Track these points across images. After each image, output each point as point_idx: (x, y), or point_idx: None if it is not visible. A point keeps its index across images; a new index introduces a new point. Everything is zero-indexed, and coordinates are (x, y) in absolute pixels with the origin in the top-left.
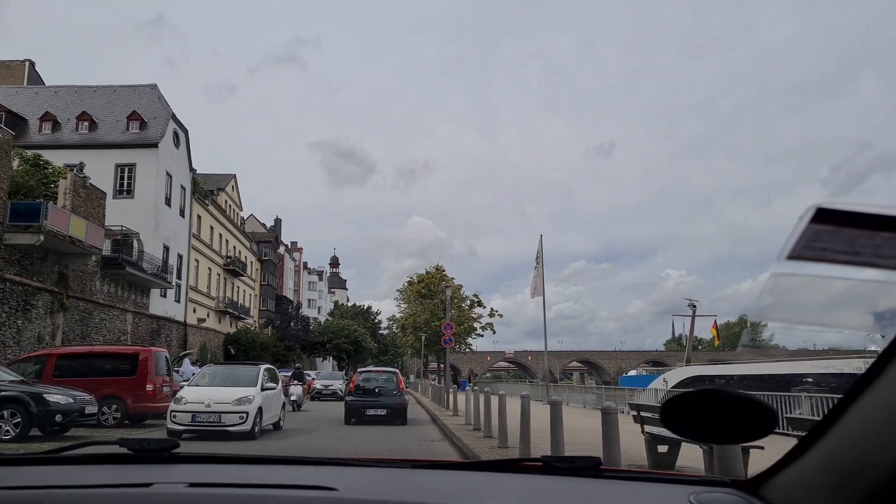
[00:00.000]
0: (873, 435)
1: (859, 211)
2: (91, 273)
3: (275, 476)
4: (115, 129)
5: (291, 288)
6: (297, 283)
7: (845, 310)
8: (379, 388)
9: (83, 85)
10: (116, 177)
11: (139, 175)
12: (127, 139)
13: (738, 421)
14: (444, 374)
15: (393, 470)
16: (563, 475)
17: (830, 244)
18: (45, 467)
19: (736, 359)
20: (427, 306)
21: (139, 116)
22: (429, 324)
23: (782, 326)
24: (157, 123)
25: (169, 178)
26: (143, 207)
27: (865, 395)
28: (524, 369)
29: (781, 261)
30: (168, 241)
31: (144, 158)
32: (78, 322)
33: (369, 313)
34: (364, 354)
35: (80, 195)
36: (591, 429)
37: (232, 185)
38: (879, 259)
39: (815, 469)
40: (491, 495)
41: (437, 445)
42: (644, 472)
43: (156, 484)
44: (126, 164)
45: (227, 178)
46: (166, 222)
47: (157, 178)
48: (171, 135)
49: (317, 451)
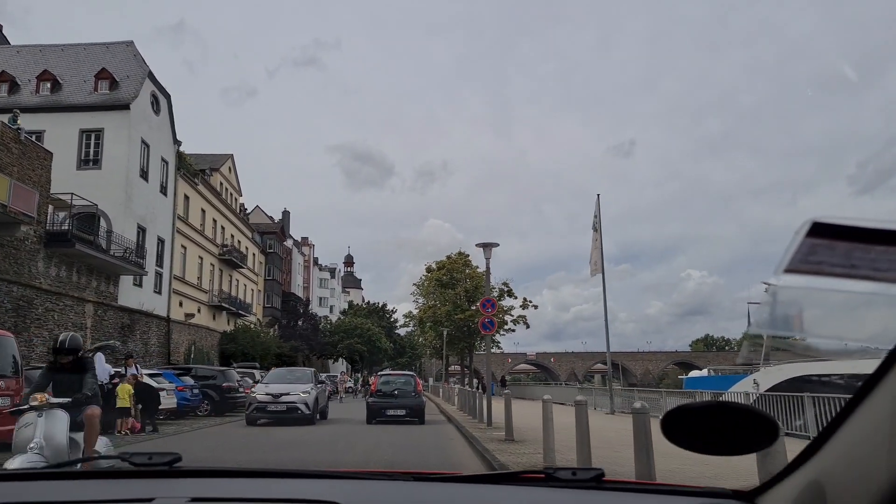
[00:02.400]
0: (875, 444)
1: (855, 225)
2: (30, 251)
3: (277, 490)
4: (81, 91)
5: (301, 285)
6: (307, 280)
7: (843, 323)
8: (398, 390)
9: (49, 44)
10: (81, 144)
11: (108, 142)
12: (94, 101)
13: (740, 432)
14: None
15: (395, 483)
16: (565, 487)
17: (826, 258)
18: (46, 482)
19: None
20: (449, 297)
21: (109, 75)
22: (451, 317)
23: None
24: (131, 83)
25: (145, 147)
26: (112, 179)
27: (866, 406)
28: (546, 371)
29: (778, 274)
30: (144, 222)
31: (114, 122)
32: (9, 313)
33: (385, 312)
34: (379, 356)
35: (11, 151)
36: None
37: (228, 167)
38: (875, 273)
39: (817, 479)
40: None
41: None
42: (647, 483)
43: (158, 499)
44: (92, 130)
45: (222, 159)
46: (142, 199)
47: (130, 146)
48: (147, 97)
49: (352, 437)
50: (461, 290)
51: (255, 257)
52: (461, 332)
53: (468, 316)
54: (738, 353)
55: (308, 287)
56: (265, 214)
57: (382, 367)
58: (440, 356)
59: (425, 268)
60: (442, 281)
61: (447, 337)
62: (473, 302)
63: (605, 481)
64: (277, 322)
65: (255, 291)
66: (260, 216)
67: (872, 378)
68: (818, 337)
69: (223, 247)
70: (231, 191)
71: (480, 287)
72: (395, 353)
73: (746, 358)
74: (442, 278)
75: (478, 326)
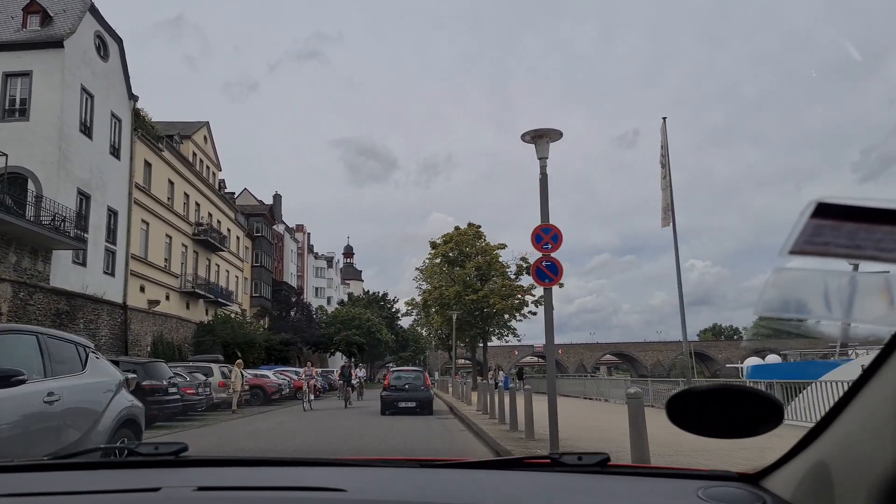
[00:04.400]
0: (878, 426)
1: (860, 205)
2: None
3: (283, 478)
4: (7, 28)
5: (294, 273)
6: (301, 269)
7: (849, 303)
8: (409, 385)
9: None
10: (6, 90)
11: (37, 87)
12: (21, 38)
13: (744, 415)
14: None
15: (401, 470)
16: (570, 472)
17: (831, 238)
18: (53, 473)
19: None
20: (459, 276)
21: (41, 8)
22: (461, 298)
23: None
24: (67, 18)
25: (87, 97)
26: (41, 133)
27: (870, 388)
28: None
29: (783, 256)
30: (88, 187)
31: (44, 64)
32: None
33: (385, 302)
34: (380, 348)
35: None
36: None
37: (203, 136)
38: (880, 253)
39: (821, 461)
40: (499, 493)
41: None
42: (652, 467)
43: (164, 488)
44: (19, 73)
45: (195, 126)
46: (84, 159)
47: (65, 93)
48: (89, 37)
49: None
50: (472, 266)
51: (239, 241)
52: (472, 317)
53: (481, 297)
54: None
55: (302, 276)
56: (254, 198)
57: (385, 362)
58: (446, 347)
59: (430, 244)
60: (449, 257)
61: (456, 322)
62: (487, 281)
63: (610, 466)
64: (267, 313)
65: (240, 279)
66: (248, 200)
67: (876, 361)
68: (824, 319)
69: (198, 225)
70: (208, 164)
71: (495, 264)
72: (398, 346)
73: (752, 344)
74: (449, 254)
75: (492, 308)
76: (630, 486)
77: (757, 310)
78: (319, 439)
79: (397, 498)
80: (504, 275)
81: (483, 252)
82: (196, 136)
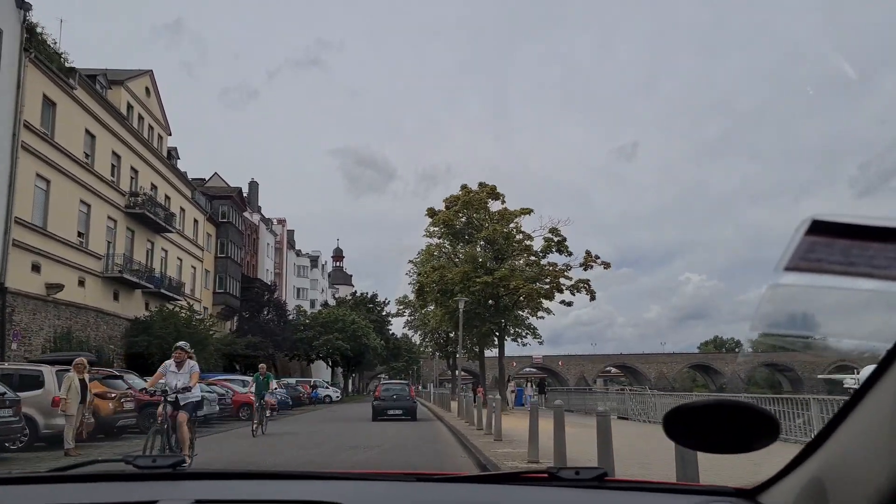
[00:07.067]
0: (875, 442)
1: (855, 223)
2: None
3: (280, 491)
4: None
5: (271, 270)
6: (280, 266)
7: (844, 320)
8: (396, 395)
9: None
10: None
11: None
12: None
13: (741, 431)
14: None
15: (398, 483)
16: (568, 486)
17: (826, 255)
18: (50, 486)
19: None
20: (467, 253)
21: None
22: (469, 280)
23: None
24: None
25: None
26: None
27: (866, 403)
28: (554, 375)
29: (778, 272)
30: None
31: None
32: None
33: (375, 304)
34: (368, 356)
35: None
36: None
37: (145, 87)
38: (875, 271)
39: (817, 476)
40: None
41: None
42: (649, 482)
43: (161, 501)
44: None
45: (135, 73)
46: None
47: None
48: None
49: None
50: (484, 236)
51: (198, 225)
52: (483, 308)
53: (500, 278)
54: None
55: (280, 274)
56: (224, 182)
57: (375, 373)
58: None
59: (427, 213)
60: (455, 228)
61: (465, 312)
62: (504, 259)
63: (607, 480)
64: (236, 313)
65: (198, 270)
66: (218, 184)
67: (873, 375)
68: (821, 335)
69: (132, 196)
70: (150, 122)
71: (513, 236)
72: (389, 355)
73: (749, 359)
74: (454, 222)
75: (514, 295)
76: (627, 500)
77: (753, 326)
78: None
79: None
80: (529, 251)
81: (501, 218)
82: (133, 85)
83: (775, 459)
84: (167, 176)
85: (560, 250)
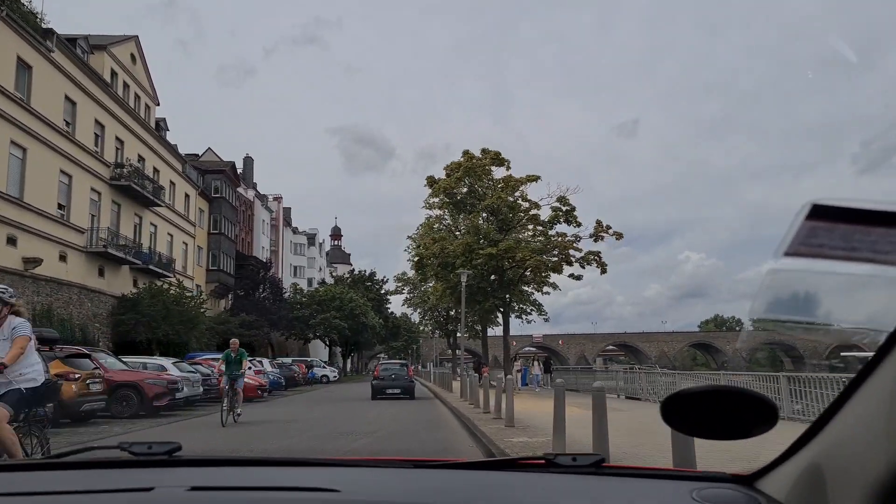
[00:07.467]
0: (873, 429)
1: (855, 207)
2: None
3: (277, 478)
4: None
5: (267, 248)
6: (276, 243)
7: (844, 305)
8: (395, 375)
9: None
10: None
11: None
12: None
13: (740, 417)
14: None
15: (395, 470)
16: (565, 473)
17: (826, 240)
18: (45, 472)
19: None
20: (471, 223)
21: None
22: (472, 252)
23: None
24: None
25: None
26: None
27: (864, 390)
28: (554, 354)
29: (778, 257)
30: None
31: None
32: None
33: (373, 282)
34: (367, 335)
35: None
36: None
37: (131, 53)
38: (875, 255)
39: (815, 462)
40: (493, 494)
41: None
42: (646, 468)
43: (157, 488)
44: None
45: (119, 39)
46: None
47: None
48: None
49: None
50: (488, 205)
51: (189, 200)
52: (487, 282)
53: (505, 249)
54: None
55: (277, 251)
56: (218, 157)
57: (374, 352)
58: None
59: (426, 182)
60: (456, 197)
61: (466, 289)
62: (509, 229)
63: (604, 467)
64: (230, 291)
65: (190, 246)
66: (212, 158)
67: (872, 361)
68: (820, 319)
69: (118, 167)
70: (137, 91)
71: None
72: (388, 334)
73: (747, 343)
74: (455, 191)
75: (520, 268)
76: (624, 487)
77: (752, 310)
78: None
79: (391, 499)
80: (536, 221)
81: (506, 186)
82: (117, 50)
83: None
84: (155, 147)
85: (569, 220)
